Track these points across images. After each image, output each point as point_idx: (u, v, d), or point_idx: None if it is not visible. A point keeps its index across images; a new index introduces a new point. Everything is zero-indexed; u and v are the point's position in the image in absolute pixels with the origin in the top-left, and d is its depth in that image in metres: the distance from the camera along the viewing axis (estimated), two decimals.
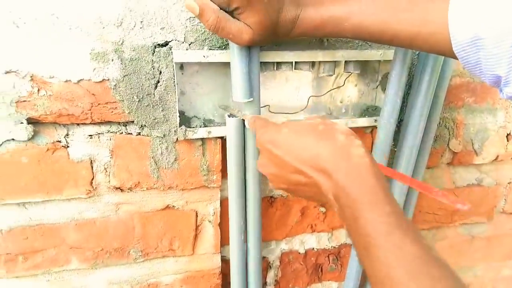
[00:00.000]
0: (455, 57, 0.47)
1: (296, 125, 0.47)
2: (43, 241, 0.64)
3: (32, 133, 0.57)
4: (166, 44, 0.58)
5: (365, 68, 0.74)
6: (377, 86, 0.77)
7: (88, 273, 0.68)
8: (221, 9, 0.50)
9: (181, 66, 0.63)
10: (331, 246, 0.88)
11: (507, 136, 0.88)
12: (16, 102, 0.55)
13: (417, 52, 0.72)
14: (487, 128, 0.86)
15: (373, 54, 0.69)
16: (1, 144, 0.56)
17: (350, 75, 0.74)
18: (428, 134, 0.75)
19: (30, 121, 0.56)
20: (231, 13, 0.50)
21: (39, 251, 0.64)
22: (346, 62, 0.70)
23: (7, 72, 0.53)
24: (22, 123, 0.56)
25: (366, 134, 0.78)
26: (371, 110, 0.78)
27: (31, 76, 0.54)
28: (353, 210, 0.39)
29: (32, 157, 0.58)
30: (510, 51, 0.41)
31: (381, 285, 0.36)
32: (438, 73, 0.67)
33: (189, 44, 0.59)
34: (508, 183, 0.96)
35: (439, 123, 0.81)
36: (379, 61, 0.74)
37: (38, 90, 0.55)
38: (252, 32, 0.51)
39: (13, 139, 0.56)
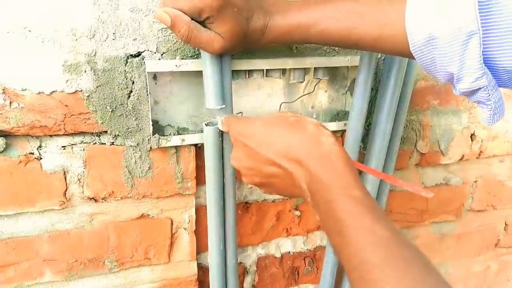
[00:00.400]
0: (414, 57, 0.54)
1: (268, 118, 0.53)
2: (15, 255, 0.67)
3: (4, 146, 0.60)
4: (138, 54, 0.63)
5: (334, 74, 0.81)
6: (346, 92, 0.84)
7: (62, 285, 0.72)
8: (192, 19, 0.55)
9: (154, 76, 0.68)
10: (307, 249, 0.94)
11: (471, 136, 0.97)
12: None
13: (382, 58, 0.79)
14: (452, 129, 0.95)
15: (341, 60, 0.76)
16: None
17: (319, 81, 0.80)
18: (395, 136, 0.83)
19: (2, 133, 0.60)
20: (202, 22, 0.55)
21: (11, 264, 0.67)
22: (315, 69, 0.77)
23: None
24: None
25: (336, 138, 0.84)
26: (341, 115, 0.85)
27: (3, 89, 0.57)
28: (325, 195, 0.43)
29: (4, 169, 0.61)
30: (461, 49, 0.47)
31: (355, 270, 0.39)
32: (403, 77, 0.75)
33: (162, 54, 0.64)
34: (475, 181, 1.05)
35: (406, 125, 0.89)
36: (348, 67, 0.81)
37: (10, 102, 0.58)
38: (223, 40, 0.56)
39: None
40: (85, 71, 0.60)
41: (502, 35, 0.46)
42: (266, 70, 0.73)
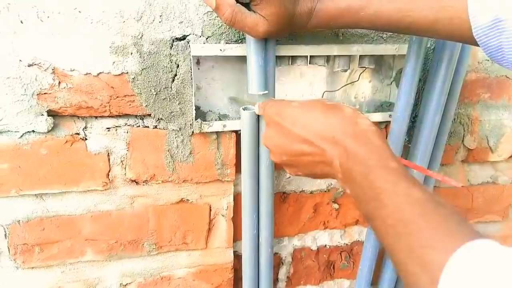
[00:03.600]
0: (475, 43, 0.50)
1: (305, 100, 0.53)
2: (59, 233, 0.69)
3: (52, 125, 0.61)
4: (184, 38, 0.62)
5: (380, 64, 0.79)
6: (391, 82, 0.81)
7: (102, 265, 0.73)
8: (237, 1, 0.54)
9: (197, 61, 0.67)
10: (344, 243, 0.92)
11: None
12: (37, 94, 0.59)
13: (432, 46, 0.76)
14: (503, 125, 0.90)
15: (389, 48, 0.73)
16: (22, 136, 0.61)
17: (364, 70, 0.78)
18: (443, 130, 0.79)
19: (50, 113, 0.61)
20: (247, 5, 0.55)
21: (55, 242, 0.69)
22: (361, 56, 0.74)
23: (30, 65, 0.58)
24: (42, 115, 0.60)
25: (380, 129, 0.82)
26: (385, 106, 0.82)
27: (52, 69, 0.59)
28: (362, 169, 0.44)
29: (51, 149, 0.63)
30: None
31: (391, 227, 0.40)
32: (454, 68, 0.71)
33: (207, 38, 0.64)
34: None
35: (454, 119, 0.85)
36: (394, 56, 0.78)
37: (59, 82, 0.60)
38: (267, 23, 0.55)
39: (33, 130, 0.61)
40: (131, 53, 0.61)
41: None
42: (310, 56, 0.71)
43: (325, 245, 0.91)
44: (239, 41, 0.65)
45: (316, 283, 0.93)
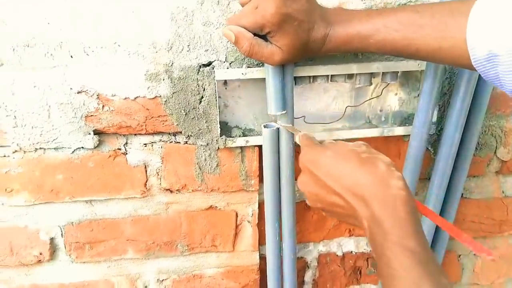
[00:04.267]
0: (476, 70, 0.52)
1: (340, 149, 0.53)
2: (105, 233, 0.79)
3: (98, 142, 0.72)
4: (209, 64, 0.69)
5: (406, 77, 0.80)
6: (418, 95, 0.82)
7: (141, 262, 0.84)
8: (255, 34, 0.59)
9: (225, 82, 0.74)
10: (370, 250, 0.95)
11: None
12: (85, 116, 0.69)
13: None
14: None
15: (410, 65, 0.74)
16: (73, 151, 0.72)
17: (388, 85, 0.80)
18: (469, 143, 0.79)
19: (96, 132, 0.71)
20: (264, 36, 0.60)
21: (102, 241, 0.80)
22: (383, 73, 0.76)
23: (79, 92, 0.68)
24: (89, 134, 0.71)
25: (404, 142, 0.83)
26: (411, 119, 0.83)
27: (97, 95, 0.68)
28: (382, 240, 0.44)
29: (97, 162, 0.73)
30: None
31: None
32: (475, 84, 0.71)
33: (230, 63, 0.70)
34: None
35: (485, 131, 0.84)
36: (422, 70, 0.79)
37: (103, 106, 0.69)
38: (282, 53, 0.60)
39: (82, 147, 0.72)
40: (163, 79, 0.69)
41: None
42: (331, 75, 0.75)
43: (351, 252, 0.94)
44: (260, 64, 0.70)
45: (342, 287, 0.97)
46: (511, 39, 0.46)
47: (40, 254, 0.78)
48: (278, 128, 0.69)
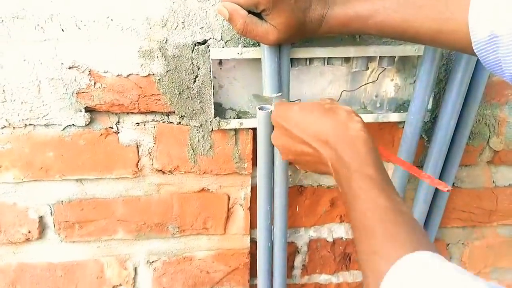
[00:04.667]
0: (476, 55, 0.51)
1: (306, 104, 0.57)
2: (95, 213, 0.78)
3: (89, 120, 0.70)
4: (204, 42, 0.68)
5: (403, 63, 0.79)
6: (414, 81, 0.81)
7: (132, 243, 0.83)
8: (249, 12, 0.58)
9: (220, 61, 0.72)
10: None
11: None
12: (76, 93, 0.68)
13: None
14: None
15: (408, 49, 0.73)
16: (64, 129, 0.70)
17: (384, 70, 0.79)
18: (463, 132, 0.79)
19: (88, 109, 0.70)
20: (259, 14, 0.58)
21: (92, 221, 0.79)
22: (380, 57, 0.75)
23: (70, 68, 0.66)
24: (81, 111, 0.69)
25: (399, 128, 0.83)
26: (407, 105, 0.82)
27: (89, 71, 0.66)
28: (345, 172, 0.49)
29: (88, 140, 0.72)
30: None
31: (357, 230, 0.46)
32: (472, 70, 0.71)
33: (225, 42, 0.68)
34: None
35: (479, 120, 0.84)
36: (419, 55, 0.78)
37: (95, 83, 0.67)
38: (277, 32, 0.59)
39: (73, 124, 0.70)
40: (157, 57, 0.67)
41: None
42: (328, 58, 0.74)
43: (341, 238, 0.94)
44: (256, 44, 0.69)
45: (331, 273, 0.97)
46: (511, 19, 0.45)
47: (29, 232, 0.77)
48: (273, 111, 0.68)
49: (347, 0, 0.59)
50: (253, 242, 0.87)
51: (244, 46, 0.69)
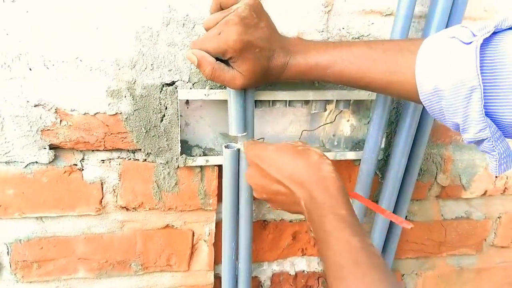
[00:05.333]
0: (423, 104, 0.56)
1: (280, 144, 0.60)
2: (55, 251, 0.76)
3: (53, 157, 0.69)
4: (172, 83, 0.69)
5: (358, 105, 0.84)
6: (368, 122, 0.87)
7: (93, 282, 0.80)
8: (217, 58, 0.60)
9: (187, 101, 0.74)
10: (321, 270, 0.97)
11: None
12: (41, 130, 0.67)
13: None
14: (475, 165, 0.94)
15: (362, 94, 0.78)
16: (26, 166, 0.69)
17: (341, 111, 0.84)
18: (413, 169, 0.84)
19: (52, 146, 0.69)
20: (226, 61, 0.61)
21: (51, 260, 0.76)
22: (337, 100, 0.80)
23: (36, 105, 0.65)
24: (45, 148, 0.68)
25: (355, 166, 0.87)
26: (362, 144, 0.87)
27: (55, 109, 0.66)
28: (319, 212, 0.52)
29: (51, 177, 0.70)
30: (464, 102, 0.50)
31: (331, 270, 0.48)
32: (419, 115, 0.77)
33: (193, 84, 0.70)
34: (498, 217, 1.04)
35: (427, 158, 0.90)
36: (372, 99, 0.84)
37: (61, 121, 0.67)
38: (243, 78, 0.61)
39: (36, 161, 0.69)
40: (125, 96, 0.68)
41: (504, 92, 0.48)
42: (289, 100, 0.77)
43: (303, 271, 0.96)
44: (222, 87, 0.71)
45: None
46: (453, 76, 0.50)
47: None
48: (238, 149, 0.70)
49: (307, 50, 0.63)
50: (217, 277, 0.87)
51: (211, 88, 0.71)
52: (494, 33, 0.49)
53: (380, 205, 0.85)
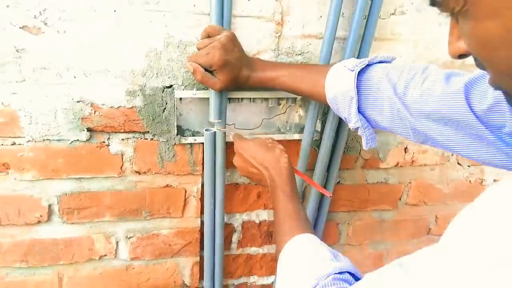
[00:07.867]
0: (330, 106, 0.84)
1: (257, 141, 0.82)
2: (89, 202, 1.00)
3: (89, 137, 0.93)
4: (170, 86, 0.95)
5: (304, 101, 1.11)
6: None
7: (115, 224, 1.04)
8: (206, 69, 0.85)
9: (181, 98, 1.00)
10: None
11: (404, 149, 1.24)
12: (81, 118, 0.91)
13: None
14: (389, 143, 1.20)
15: None
16: (71, 142, 0.93)
17: (290, 105, 1.10)
18: (339, 146, 1.09)
19: (88, 129, 0.93)
20: (211, 71, 0.86)
21: (86, 208, 1.00)
22: (287, 98, 1.07)
23: (78, 101, 0.90)
24: (84, 130, 0.93)
25: (299, 143, 1.14)
26: None
27: (91, 104, 0.91)
28: (273, 189, 0.75)
29: (87, 150, 0.95)
30: (348, 105, 0.76)
31: (276, 221, 0.72)
32: None
33: (185, 86, 0.96)
34: (409, 182, 1.31)
35: (352, 138, 1.16)
36: None
37: (95, 111, 0.92)
38: (222, 83, 0.86)
39: (78, 139, 0.93)
40: (138, 95, 0.93)
41: (370, 100, 0.76)
42: (253, 98, 1.04)
43: (265, 220, 1.22)
44: (206, 88, 0.97)
45: (258, 246, 1.23)
46: (342, 89, 0.77)
47: (40, 216, 0.97)
48: (215, 132, 0.96)
49: (264, 68, 0.88)
50: (202, 223, 1.13)
51: (197, 89, 0.97)
52: (368, 65, 0.77)
53: (315, 173, 1.12)
